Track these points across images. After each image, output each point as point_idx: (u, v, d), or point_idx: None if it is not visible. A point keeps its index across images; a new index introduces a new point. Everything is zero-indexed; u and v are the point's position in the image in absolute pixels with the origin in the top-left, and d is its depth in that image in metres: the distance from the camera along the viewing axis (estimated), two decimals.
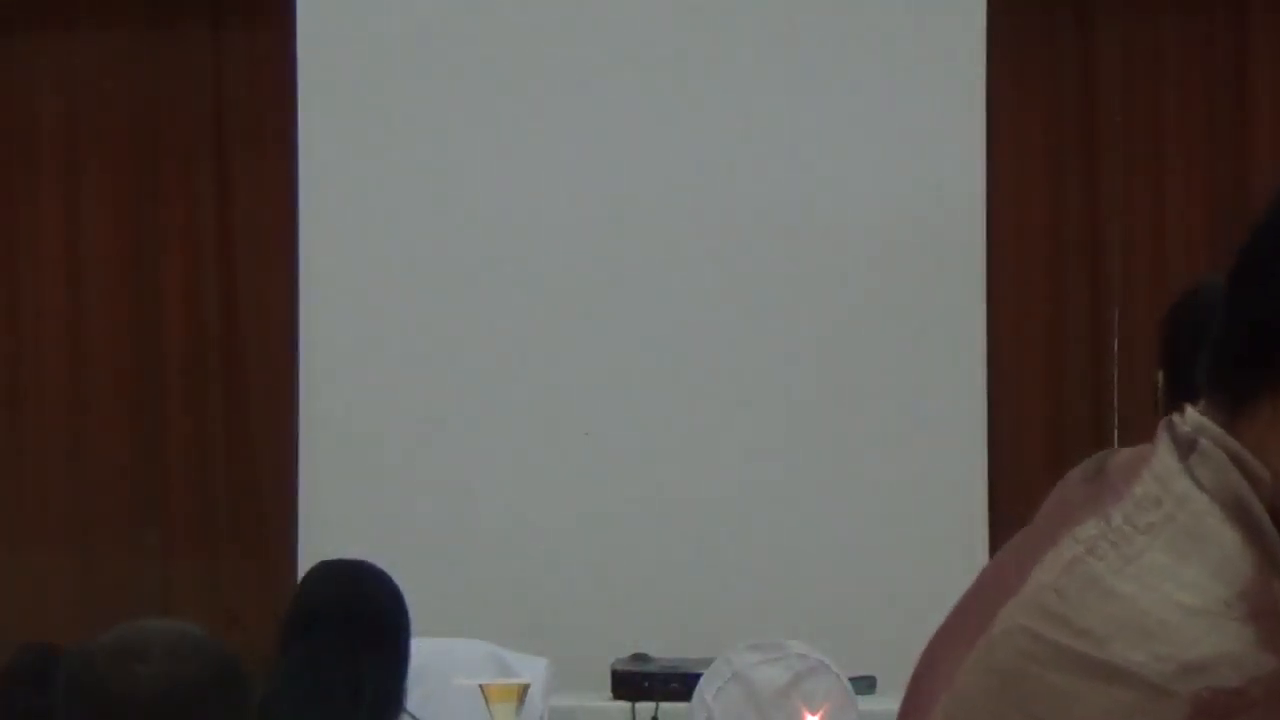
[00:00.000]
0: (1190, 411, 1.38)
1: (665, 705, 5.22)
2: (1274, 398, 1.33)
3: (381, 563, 3.95)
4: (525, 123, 5.89)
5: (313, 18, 5.94)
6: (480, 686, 3.74)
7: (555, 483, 5.84)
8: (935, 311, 5.79)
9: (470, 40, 5.92)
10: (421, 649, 4.03)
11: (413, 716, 3.85)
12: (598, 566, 5.79)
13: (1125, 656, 1.26)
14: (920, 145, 5.79)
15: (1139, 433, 2.24)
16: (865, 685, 5.23)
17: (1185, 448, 1.36)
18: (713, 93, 5.87)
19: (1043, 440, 5.93)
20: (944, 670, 1.38)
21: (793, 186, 5.83)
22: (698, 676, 4.70)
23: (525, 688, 3.77)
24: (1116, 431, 5.85)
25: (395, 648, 3.81)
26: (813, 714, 4.39)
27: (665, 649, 5.53)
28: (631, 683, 5.35)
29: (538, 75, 5.90)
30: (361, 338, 5.92)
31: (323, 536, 5.76)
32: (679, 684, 5.16)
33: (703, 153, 5.85)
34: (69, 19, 6.22)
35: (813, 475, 5.79)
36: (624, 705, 5.31)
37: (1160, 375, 2.29)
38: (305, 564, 5.20)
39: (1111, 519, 1.34)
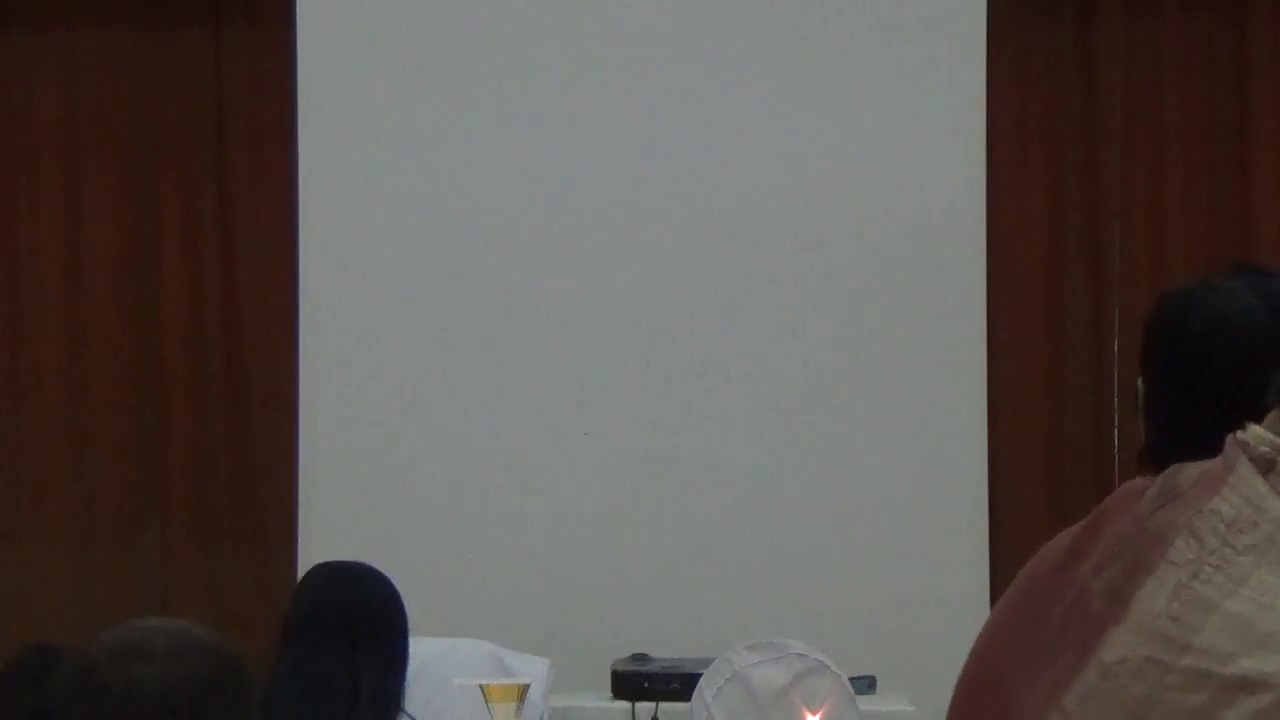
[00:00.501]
0: (1256, 429, 1.44)
1: (665, 705, 5.23)
2: None
3: (381, 563, 3.96)
4: (525, 122, 5.89)
5: (313, 18, 5.94)
6: (480, 686, 3.74)
7: (555, 483, 5.84)
8: (935, 312, 5.79)
9: (470, 40, 5.92)
10: (421, 649, 4.03)
11: (410, 717, 3.85)
12: (598, 566, 5.80)
13: (1256, 669, 1.33)
14: (920, 145, 5.79)
15: (1138, 435, 2.24)
16: (865, 685, 5.23)
17: (1264, 466, 1.42)
18: (714, 92, 5.87)
19: (1043, 440, 5.93)
20: (1026, 687, 1.40)
21: (792, 187, 5.83)
22: (698, 676, 4.70)
23: (525, 688, 3.77)
24: (1116, 432, 5.85)
25: (394, 648, 3.81)
26: (813, 714, 4.38)
27: (665, 649, 5.54)
28: (631, 683, 5.35)
29: (537, 76, 5.90)
30: (362, 337, 5.92)
31: (323, 536, 5.77)
32: (679, 684, 5.16)
33: (703, 151, 5.85)
34: (69, 19, 6.22)
35: (813, 475, 5.79)
36: (624, 705, 5.31)
37: (1140, 382, 2.30)
38: (305, 564, 5.21)
39: (1205, 540, 1.40)
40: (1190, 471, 1.45)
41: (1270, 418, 1.44)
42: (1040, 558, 1.57)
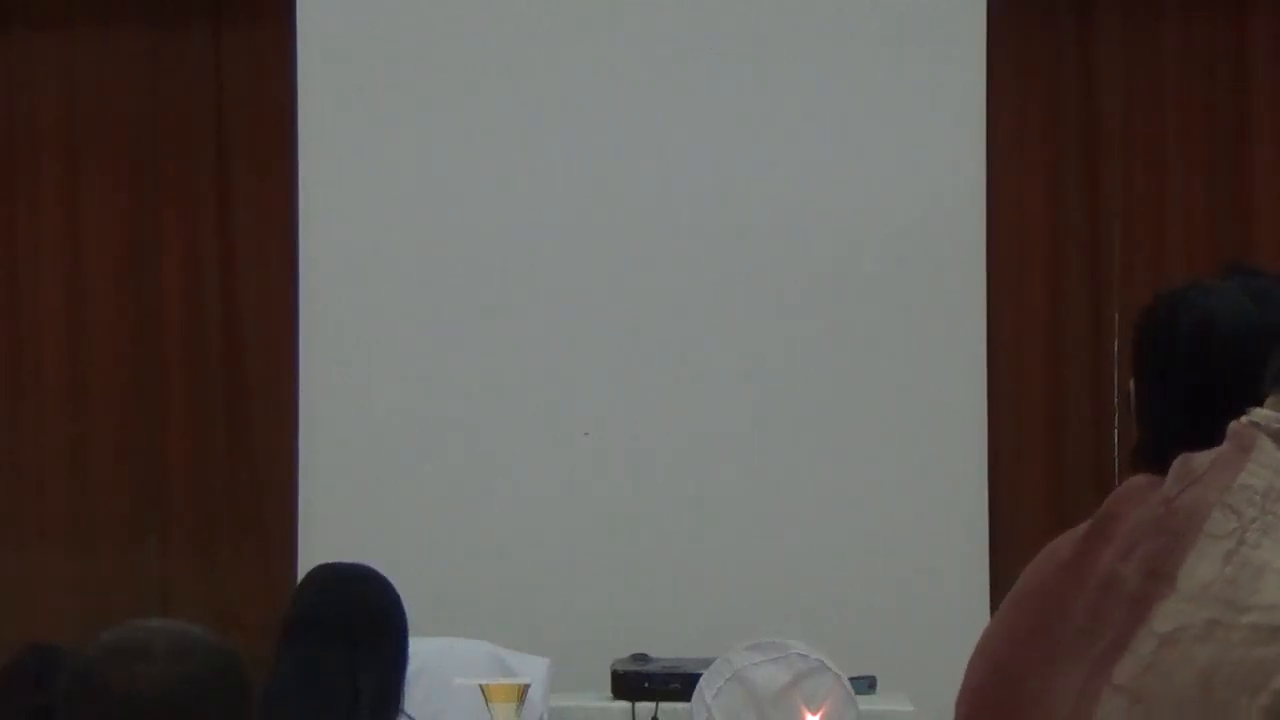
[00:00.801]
0: (1262, 411, 1.51)
1: (665, 705, 5.23)
2: None
3: (381, 562, 3.96)
4: (525, 122, 5.89)
5: (313, 18, 5.95)
6: (480, 686, 3.74)
7: (555, 483, 5.84)
8: (935, 312, 5.79)
9: (471, 39, 5.92)
10: (421, 649, 4.03)
11: (410, 717, 3.85)
12: (598, 566, 5.80)
13: None
14: (920, 145, 5.79)
15: (1134, 435, 2.25)
16: (865, 685, 5.23)
17: None
18: (714, 92, 5.87)
19: (1043, 440, 5.93)
20: (1053, 679, 1.44)
21: (792, 187, 5.83)
22: (698, 676, 4.70)
23: (525, 688, 3.77)
24: (1116, 432, 5.85)
25: (393, 649, 3.81)
26: (813, 714, 4.38)
27: (665, 649, 5.54)
28: (631, 683, 5.35)
29: (537, 75, 5.90)
30: (361, 338, 5.92)
31: (323, 536, 5.77)
32: (679, 684, 5.16)
33: (703, 151, 5.85)
34: (69, 19, 6.22)
35: (812, 475, 5.79)
36: (624, 705, 5.31)
37: (1132, 384, 2.32)
38: (305, 564, 5.21)
39: (1243, 512, 1.46)
40: (1201, 459, 1.51)
41: (1271, 401, 1.49)
42: (1046, 558, 1.60)
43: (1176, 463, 1.52)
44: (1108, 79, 5.97)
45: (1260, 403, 1.53)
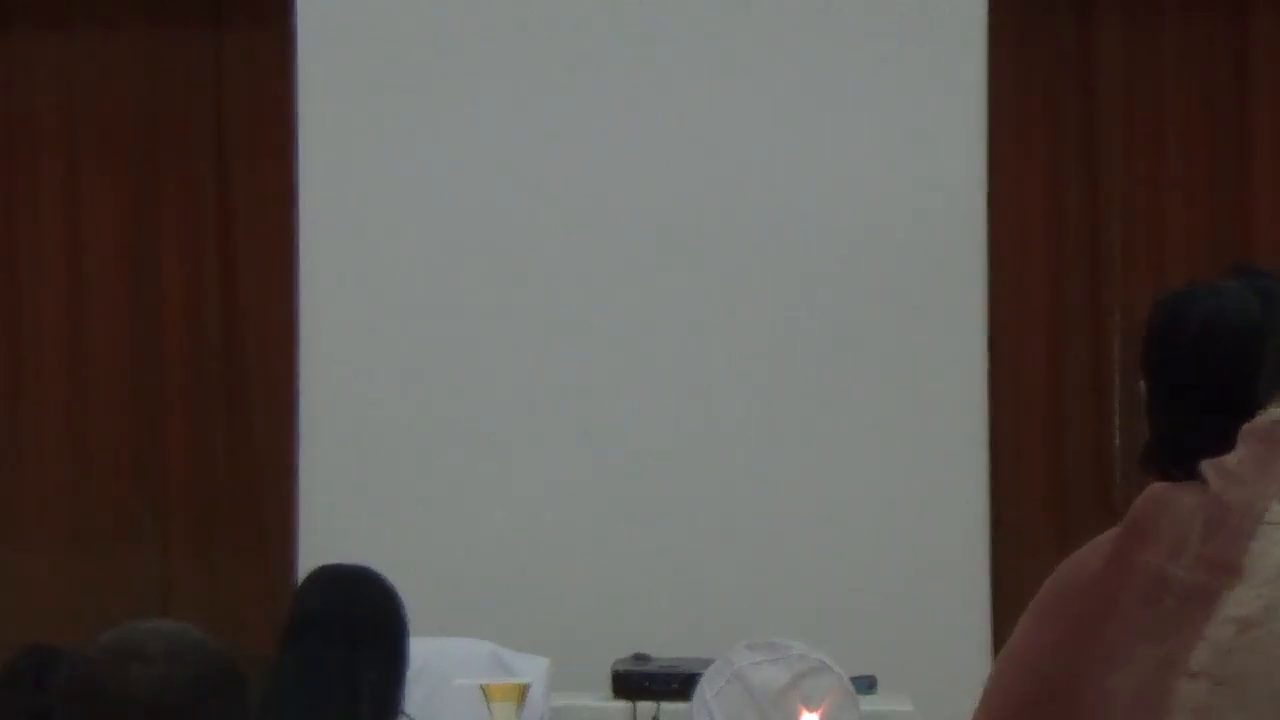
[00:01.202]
0: (1275, 410, 1.54)
1: (665, 705, 5.23)
2: None
3: (381, 563, 3.96)
4: (525, 123, 5.90)
5: (313, 18, 5.95)
6: (480, 686, 3.74)
7: (554, 483, 5.84)
8: (935, 311, 5.79)
9: (471, 39, 5.92)
10: (421, 649, 4.03)
11: (410, 718, 3.85)
12: (597, 567, 5.80)
13: None
14: (921, 144, 5.79)
15: (1139, 434, 2.25)
16: (865, 685, 5.23)
17: None
18: (715, 92, 5.87)
19: (1043, 440, 5.93)
20: (1100, 683, 1.45)
21: (793, 186, 5.83)
22: (698, 676, 4.70)
23: (525, 688, 3.77)
24: (1117, 431, 5.85)
25: (393, 650, 3.82)
26: (813, 714, 4.38)
27: (665, 649, 5.54)
28: (631, 683, 5.35)
29: (538, 75, 5.90)
30: (361, 338, 5.92)
31: (323, 536, 5.77)
32: (679, 684, 5.16)
33: (703, 151, 5.86)
34: (69, 19, 6.22)
35: (812, 475, 5.79)
36: (624, 705, 5.31)
37: (1143, 385, 2.32)
38: (305, 564, 5.22)
39: None
40: (1231, 459, 1.55)
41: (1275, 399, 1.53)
42: (1072, 569, 1.60)
43: (1207, 467, 1.54)
44: (1108, 79, 5.97)
45: (1262, 406, 1.54)
